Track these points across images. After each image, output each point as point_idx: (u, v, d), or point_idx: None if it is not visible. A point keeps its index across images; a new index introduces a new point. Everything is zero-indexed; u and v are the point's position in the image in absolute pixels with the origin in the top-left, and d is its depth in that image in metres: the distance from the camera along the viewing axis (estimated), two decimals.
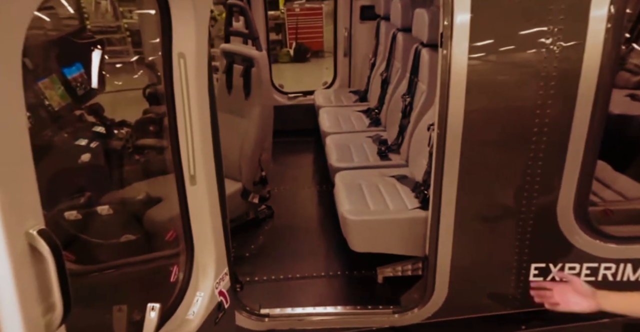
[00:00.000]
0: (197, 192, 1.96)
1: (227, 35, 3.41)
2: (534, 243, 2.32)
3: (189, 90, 1.81)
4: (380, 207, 2.80)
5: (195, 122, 1.87)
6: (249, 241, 3.39)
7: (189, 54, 1.76)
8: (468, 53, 2.00)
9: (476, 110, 2.10)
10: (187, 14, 1.68)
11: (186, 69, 1.78)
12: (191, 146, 1.89)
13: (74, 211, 2.28)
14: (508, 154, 2.22)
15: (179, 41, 1.73)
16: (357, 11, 5.29)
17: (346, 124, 4.35)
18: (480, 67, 2.05)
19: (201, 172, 1.94)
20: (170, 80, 1.78)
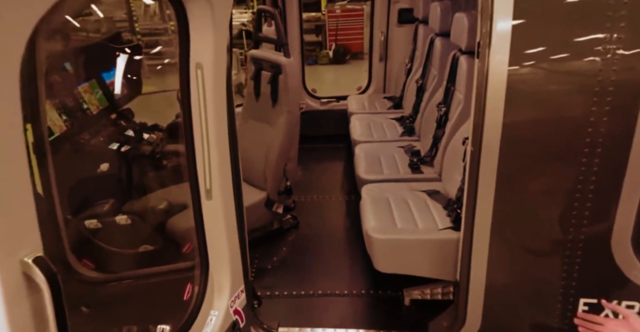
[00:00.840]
0: (213, 207, 1.88)
1: (256, 41, 3.34)
2: (584, 276, 2.07)
3: (206, 102, 1.74)
4: (409, 225, 2.62)
5: (212, 135, 1.79)
6: (272, 252, 3.29)
7: (206, 65, 1.68)
8: (509, 63, 1.80)
9: (516, 125, 1.90)
10: (205, 23, 1.60)
11: (203, 79, 1.70)
12: (207, 160, 1.82)
13: (95, 219, 2.26)
14: (553, 174, 1.99)
15: (196, 51, 1.66)
16: (395, 14, 5.11)
17: (378, 133, 4.18)
18: (523, 78, 1.85)
19: (217, 187, 1.87)
20: (187, 91, 1.72)
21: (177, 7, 1.53)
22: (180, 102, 1.73)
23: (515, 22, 1.77)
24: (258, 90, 3.34)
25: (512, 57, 1.80)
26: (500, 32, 1.78)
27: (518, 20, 1.77)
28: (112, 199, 2.50)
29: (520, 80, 1.84)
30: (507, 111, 1.86)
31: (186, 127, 1.75)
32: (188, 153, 1.79)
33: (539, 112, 1.91)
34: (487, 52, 1.81)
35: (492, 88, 1.85)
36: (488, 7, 1.77)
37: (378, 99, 5.19)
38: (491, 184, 1.99)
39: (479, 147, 1.95)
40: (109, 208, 2.40)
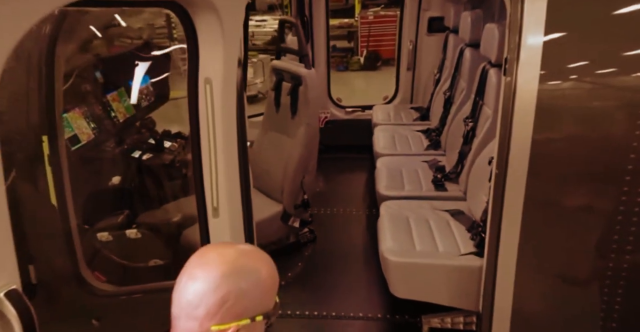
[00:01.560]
0: (219, 224, 1.82)
1: (278, 52, 3.28)
2: (627, 312, 1.87)
3: (215, 118, 1.68)
4: (428, 248, 2.47)
5: (220, 152, 1.73)
6: (287, 267, 3.20)
7: (215, 80, 1.63)
8: (539, 79, 1.65)
9: (547, 145, 1.75)
10: (215, 38, 1.54)
11: (212, 95, 1.65)
12: (215, 177, 1.76)
13: (108, 231, 2.25)
14: (591, 195, 1.82)
15: (205, 66, 1.60)
16: (425, 23, 4.95)
17: (402, 145, 4.03)
18: (555, 95, 1.70)
19: (225, 205, 1.80)
20: (195, 106, 1.66)
21: (185, 22, 1.48)
22: (189, 117, 1.67)
23: (546, 35, 1.62)
24: (278, 101, 3.27)
25: (544, 73, 1.66)
26: (531, 46, 1.64)
27: (549, 34, 1.62)
28: (127, 210, 2.49)
29: (552, 97, 1.69)
30: (537, 130, 1.71)
31: (194, 143, 1.70)
32: (195, 169, 1.73)
33: (574, 131, 1.75)
34: (515, 67, 1.67)
35: (521, 106, 1.71)
36: (517, 19, 1.63)
37: (404, 110, 5.04)
38: (518, 207, 1.84)
39: (504, 169, 1.81)
40: (123, 220, 2.38)
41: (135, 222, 2.39)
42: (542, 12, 1.60)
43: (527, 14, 1.62)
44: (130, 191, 2.72)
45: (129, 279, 2.32)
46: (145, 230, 2.34)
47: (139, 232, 2.26)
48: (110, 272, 2.23)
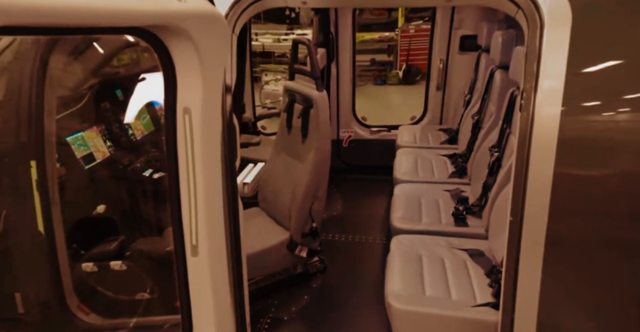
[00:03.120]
0: (199, 264, 1.67)
1: (291, 73, 3.15)
2: None
3: (194, 150, 1.54)
4: (440, 294, 2.22)
5: (200, 186, 1.59)
6: (292, 300, 3.01)
7: (195, 109, 1.49)
8: (561, 113, 1.42)
9: (573, 183, 1.49)
10: (192, 67, 1.41)
11: (191, 125, 1.51)
12: (194, 212, 1.62)
13: (92, 262, 2.14)
14: (628, 253, 1.54)
15: (183, 95, 1.47)
16: (457, 41, 4.71)
17: (424, 171, 3.78)
18: (580, 128, 1.46)
19: (205, 243, 1.65)
20: (173, 137, 1.53)
21: (158, 49, 1.36)
22: (165, 148, 1.54)
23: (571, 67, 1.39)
24: (290, 123, 3.13)
25: (566, 107, 1.42)
26: (552, 77, 1.40)
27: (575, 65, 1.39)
28: (123, 235, 2.39)
29: (576, 131, 1.45)
30: (560, 169, 1.46)
31: (170, 177, 1.56)
32: (172, 204, 1.60)
33: (605, 169, 1.49)
34: (533, 99, 1.44)
35: (539, 143, 1.47)
36: (535, 47, 1.41)
37: (432, 131, 4.78)
38: (537, 260, 1.58)
39: (520, 215, 1.57)
40: (115, 247, 2.28)
41: (128, 250, 2.28)
42: (565, 40, 1.37)
43: (547, 41, 1.39)
44: (131, 214, 2.64)
45: (116, 312, 2.20)
46: (136, 260, 2.23)
47: (124, 263, 2.15)
48: (96, 304, 2.12)
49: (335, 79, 4.92)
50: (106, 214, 2.29)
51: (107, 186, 2.70)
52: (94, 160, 2.66)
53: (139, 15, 1.06)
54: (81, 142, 2.64)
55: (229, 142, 1.77)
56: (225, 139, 1.76)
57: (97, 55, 2.70)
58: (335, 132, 5.12)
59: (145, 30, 1.23)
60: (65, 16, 0.90)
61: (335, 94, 4.97)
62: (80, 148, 2.61)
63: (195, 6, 1.27)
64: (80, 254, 2.15)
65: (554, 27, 1.41)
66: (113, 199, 2.62)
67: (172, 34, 1.28)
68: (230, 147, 1.78)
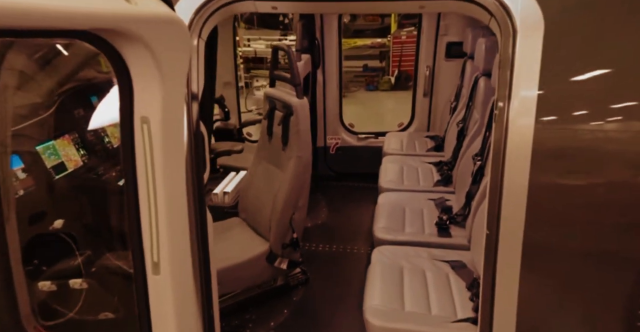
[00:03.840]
0: (160, 283, 1.57)
1: (272, 79, 3.09)
2: None
3: (154, 161, 1.46)
4: (419, 308, 2.14)
5: (161, 199, 1.50)
6: (270, 314, 2.91)
7: (154, 119, 1.41)
8: (535, 122, 1.37)
9: (549, 194, 1.44)
10: (149, 74, 1.34)
11: (150, 136, 1.43)
12: (155, 227, 1.53)
13: (49, 281, 2.03)
14: (601, 267, 1.49)
15: (141, 103, 1.39)
16: (443, 47, 4.68)
17: (410, 179, 3.71)
18: (555, 138, 1.41)
19: (167, 260, 1.56)
20: (130, 148, 1.45)
21: (110, 54, 1.28)
22: (122, 160, 1.46)
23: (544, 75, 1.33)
24: (271, 130, 3.06)
25: (540, 116, 1.37)
26: (525, 86, 1.35)
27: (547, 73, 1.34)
28: (90, 250, 2.28)
29: (551, 140, 1.40)
30: (535, 181, 1.41)
31: (128, 189, 1.48)
32: (131, 218, 1.51)
33: (581, 179, 1.44)
34: (507, 108, 1.38)
35: (513, 154, 1.41)
36: (509, 55, 1.35)
37: (419, 138, 4.73)
38: (514, 273, 1.52)
39: (496, 228, 1.51)
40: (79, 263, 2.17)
41: (94, 266, 2.18)
42: (538, 48, 1.33)
43: (520, 49, 1.35)
44: (101, 227, 2.54)
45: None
46: (102, 276, 2.12)
47: (85, 281, 2.04)
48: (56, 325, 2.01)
49: (322, 86, 4.87)
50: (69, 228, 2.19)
51: (78, 196, 2.60)
52: (65, 169, 2.56)
53: (76, 17, 0.98)
54: (52, 151, 2.54)
55: (195, 153, 1.69)
56: (192, 150, 1.69)
57: (67, 60, 2.61)
58: (322, 139, 5.06)
59: (92, 34, 1.15)
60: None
61: (322, 101, 4.91)
62: (50, 157, 2.51)
63: (149, 9, 1.20)
64: (40, 271, 2.04)
65: (527, 35, 1.37)
66: (83, 211, 2.52)
67: (123, 39, 1.21)
68: (198, 158, 1.70)
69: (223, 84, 4.91)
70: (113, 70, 1.34)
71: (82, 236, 2.18)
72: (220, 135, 4.89)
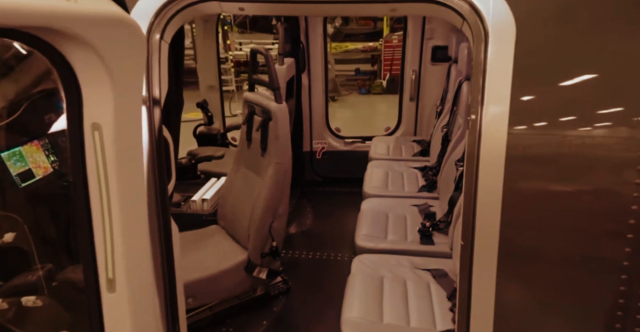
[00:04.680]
0: (116, 301, 1.47)
1: (251, 84, 3.01)
2: None
3: (107, 171, 1.37)
4: (398, 320, 2.06)
5: (117, 210, 1.41)
6: (249, 326, 2.82)
7: (106, 125, 1.33)
8: (508, 127, 1.31)
9: (524, 200, 1.38)
10: (98, 77, 1.25)
11: (102, 144, 1.34)
12: (110, 242, 1.44)
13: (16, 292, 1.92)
14: (577, 272, 1.43)
15: (91, 108, 1.31)
16: (429, 51, 4.63)
17: (395, 184, 3.65)
18: (528, 143, 1.36)
19: (123, 276, 1.47)
20: (80, 157, 1.36)
21: (53, 57, 1.19)
22: (72, 169, 1.37)
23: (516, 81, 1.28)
24: (250, 136, 2.98)
25: (513, 121, 1.32)
26: (497, 91, 1.30)
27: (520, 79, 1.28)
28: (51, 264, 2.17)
29: (524, 146, 1.35)
30: (509, 188, 1.35)
31: (79, 201, 1.39)
32: (82, 231, 1.42)
33: (554, 185, 1.39)
34: (479, 118, 1.32)
35: (487, 160, 1.35)
36: (481, 61, 1.30)
37: (406, 143, 4.67)
38: (490, 284, 1.46)
39: (471, 238, 1.44)
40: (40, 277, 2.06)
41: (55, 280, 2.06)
42: (510, 53, 1.28)
43: (492, 54, 1.29)
44: (66, 238, 2.43)
45: None
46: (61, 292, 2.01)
47: (40, 299, 1.93)
48: None
49: (307, 90, 4.80)
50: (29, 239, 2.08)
51: (46, 204, 2.50)
52: (32, 177, 2.45)
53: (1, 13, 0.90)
54: (18, 157, 2.44)
55: (158, 161, 1.61)
56: (154, 157, 1.60)
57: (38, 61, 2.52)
58: (308, 144, 4.99)
59: (29, 34, 1.07)
60: None
61: (308, 105, 4.84)
62: (16, 164, 2.41)
63: (92, 8, 1.12)
64: None
65: (498, 40, 1.32)
66: (48, 220, 2.41)
67: (65, 40, 1.12)
68: (160, 165, 1.62)
69: (207, 88, 4.82)
70: (57, 73, 1.26)
71: (44, 248, 2.08)
72: (203, 140, 4.80)
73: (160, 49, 1.54)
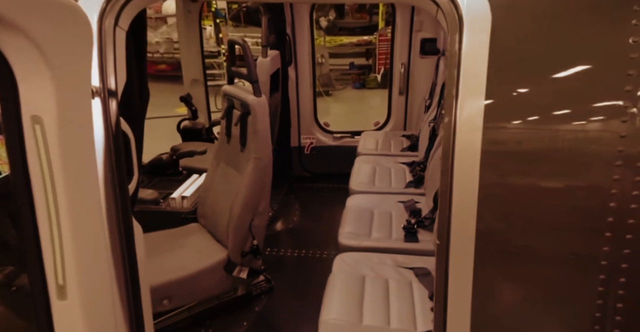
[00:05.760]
0: (68, 309, 1.37)
1: (230, 76, 2.91)
2: None
3: (52, 168, 1.27)
4: (378, 322, 1.98)
5: (65, 211, 1.31)
6: (229, 327, 2.73)
7: (48, 118, 1.22)
8: (483, 119, 1.23)
9: (500, 195, 1.30)
10: (36, 68, 1.15)
11: (45, 138, 1.24)
12: (59, 245, 1.34)
13: None
14: (556, 271, 1.36)
15: (29, 100, 1.20)
16: (418, 44, 4.53)
17: (382, 180, 3.56)
18: (503, 137, 1.27)
19: (75, 281, 1.36)
20: (20, 154, 1.25)
21: None
22: (10, 167, 1.27)
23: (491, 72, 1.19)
24: (229, 131, 2.88)
25: (488, 113, 1.24)
26: (472, 82, 1.21)
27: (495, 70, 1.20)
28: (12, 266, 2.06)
29: (500, 139, 1.27)
30: (484, 184, 1.27)
31: (21, 201, 1.28)
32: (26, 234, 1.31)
33: (529, 180, 1.31)
34: (454, 111, 1.23)
35: (462, 159, 1.27)
36: (455, 51, 1.21)
37: (395, 138, 4.58)
38: (467, 285, 1.39)
39: (446, 237, 1.36)
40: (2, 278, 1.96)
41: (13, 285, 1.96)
42: (485, 43, 1.19)
43: (467, 44, 1.21)
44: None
45: None
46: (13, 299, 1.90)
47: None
48: None
49: (295, 83, 4.69)
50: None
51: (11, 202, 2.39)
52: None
53: None
54: None
55: (116, 157, 1.51)
56: (111, 153, 1.50)
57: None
58: (296, 139, 4.89)
59: None
60: None
61: (295, 99, 4.74)
62: None
63: None
64: None
65: (474, 29, 1.22)
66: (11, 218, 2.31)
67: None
68: (119, 162, 1.52)
69: (191, 82, 4.70)
70: None
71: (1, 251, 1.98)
72: (187, 135, 4.69)
73: (115, 37, 1.43)
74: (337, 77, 10.73)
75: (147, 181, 3.61)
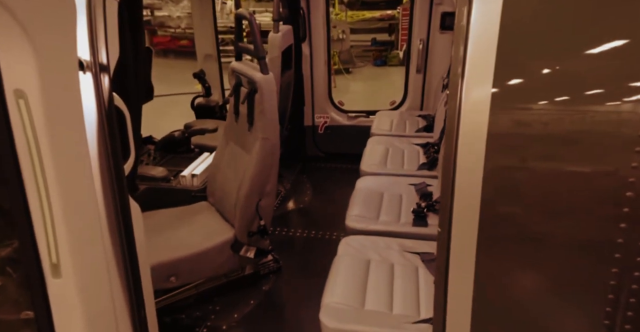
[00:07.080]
0: (63, 288, 1.37)
1: (238, 52, 2.82)
2: None
3: (39, 143, 1.24)
4: (381, 307, 1.95)
5: (55, 189, 1.29)
6: (236, 305, 2.75)
7: (31, 92, 1.19)
8: (491, 99, 1.14)
9: (507, 181, 1.22)
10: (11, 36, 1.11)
11: (30, 112, 1.21)
12: (50, 223, 1.33)
13: None
14: (565, 261, 1.28)
15: (10, 73, 1.17)
16: (438, 19, 4.33)
17: (394, 162, 3.47)
18: (512, 119, 1.18)
19: (69, 260, 1.36)
20: (6, 127, 1.23)
21: None
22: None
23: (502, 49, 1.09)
24: (237, 109, 2.82)
25: (496, 92, 1.14)
26: (480, 59, 1.11)
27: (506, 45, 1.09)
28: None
29: (509, 121, 1.17)
30: (489, 167, 1.19)
31: (11, 179, 1.27)
32: (17, 212, 1.30)
33: (538, 164, 1.22)
34: (460, 84, 1.14)
35: (467, 134, 1.18)
36: (463, 25, 1.11)
37: (411, 118, 4.45)
38: (469, 272, 1.32)
39: (448, 224, 1.29)
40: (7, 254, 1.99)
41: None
42: (496, 19, 1.08)
43: (475, 20, 1.10)
44: None
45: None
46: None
47: None
48: None
49: (309, 61, 4.57)
50: None
51: None
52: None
53: None
54: None
55: (109, 133, 1.47)
56: (104, 129, 1.46)
57: None
58: (310, 118, 4.81)
59: None
60: None
61: (310, 77, 4.63)
62: None
63: None
64: None
65: (483, 2, 1.11)
66: None
67: None
68: (113, 138, 1.48)
69: (204, 57, 4.63)
70: None
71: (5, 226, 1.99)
72: (201, 112, 4.66)
73: (105, 7, 1.37)
74: (359, 54, 10.44)
75: (159, 158, 3.62)
